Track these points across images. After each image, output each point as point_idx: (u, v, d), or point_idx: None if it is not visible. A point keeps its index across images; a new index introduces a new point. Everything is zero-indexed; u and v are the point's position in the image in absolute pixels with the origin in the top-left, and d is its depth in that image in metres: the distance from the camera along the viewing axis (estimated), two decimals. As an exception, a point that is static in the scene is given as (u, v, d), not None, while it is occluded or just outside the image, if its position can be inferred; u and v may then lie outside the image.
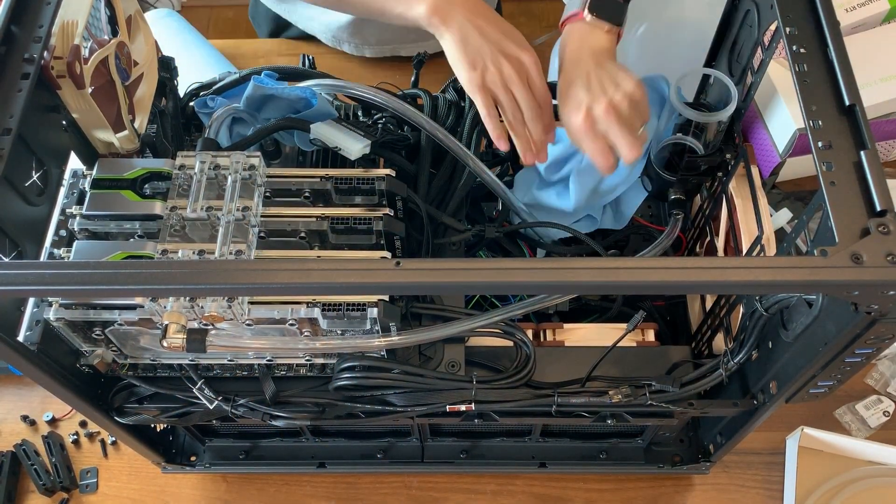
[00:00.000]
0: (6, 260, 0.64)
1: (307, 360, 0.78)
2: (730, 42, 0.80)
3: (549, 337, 0.86)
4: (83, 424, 1.02)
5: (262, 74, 0.82)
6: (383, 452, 0.96)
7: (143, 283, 0.53)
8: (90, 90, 0.71)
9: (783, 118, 1.01)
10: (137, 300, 0.68)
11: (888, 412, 0.98)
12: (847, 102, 0.59)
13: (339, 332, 0.73)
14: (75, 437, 1.01)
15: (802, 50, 0.62)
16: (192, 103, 0.90)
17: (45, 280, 0.52)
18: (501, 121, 0.80)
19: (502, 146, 0.80)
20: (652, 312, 0.95)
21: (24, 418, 1.02)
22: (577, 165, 0.92)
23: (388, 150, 0.86)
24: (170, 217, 0.70)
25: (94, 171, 0.76)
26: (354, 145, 0.80)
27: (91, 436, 1.01)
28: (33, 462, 0.98)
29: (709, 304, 0.90)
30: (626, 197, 0.99)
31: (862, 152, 0.56)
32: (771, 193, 1.09)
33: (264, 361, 0.78)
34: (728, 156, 0.83)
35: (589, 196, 0.93)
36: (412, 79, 0.98)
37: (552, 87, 0.97)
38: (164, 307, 0.65)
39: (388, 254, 0.75)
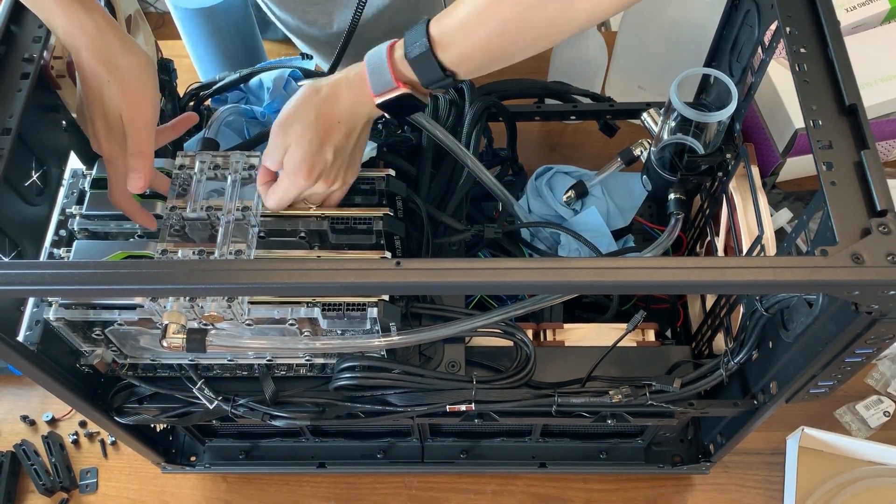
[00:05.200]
0: (6, 260, 0.64)
1: (307, 360, 0.78)
2: (730, 42, 0.80)
3: (549, 337, 0.86)
4: (83, 424, 1.02)
5: (288, 75, 0.82)
6: (383, 452, 0.96)
7: (142, 283, 0.53)
8: (90, 90, 0.71)
9: (783, 118, 1.01)
10: (137, 300, 0.68)
11: (888, 412, 0.98)
12: (847, 102, 0.59)
13: (339, 331, 0.73)
14: (75, 437, 1.01)
15: (802, 50, 0.62)
16: (191, 103, 0.90)
17: (45, 280, 0.52)
18: None
19: None
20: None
21: (24, 418, 1.02)
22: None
23: (390, 153, 0.86)
24: (170, 217, 0.70)
25: (94, 171, 0.76)
26: None
27: (91, 436, 1.01)
28: (33, 462, 0.98)
29: (709, 304, 0.90)
30: (627, 196, 0.99)
31: (862, 152, 0.56)
32: (771, 193, 1.08)
33: (264, 361, 0.78)
34: (728, 156, 0.83)
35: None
36: None
37: (551, 87, 0.98)
38: (164, 307, 0.65)
39: (388, 254, 0.75)
